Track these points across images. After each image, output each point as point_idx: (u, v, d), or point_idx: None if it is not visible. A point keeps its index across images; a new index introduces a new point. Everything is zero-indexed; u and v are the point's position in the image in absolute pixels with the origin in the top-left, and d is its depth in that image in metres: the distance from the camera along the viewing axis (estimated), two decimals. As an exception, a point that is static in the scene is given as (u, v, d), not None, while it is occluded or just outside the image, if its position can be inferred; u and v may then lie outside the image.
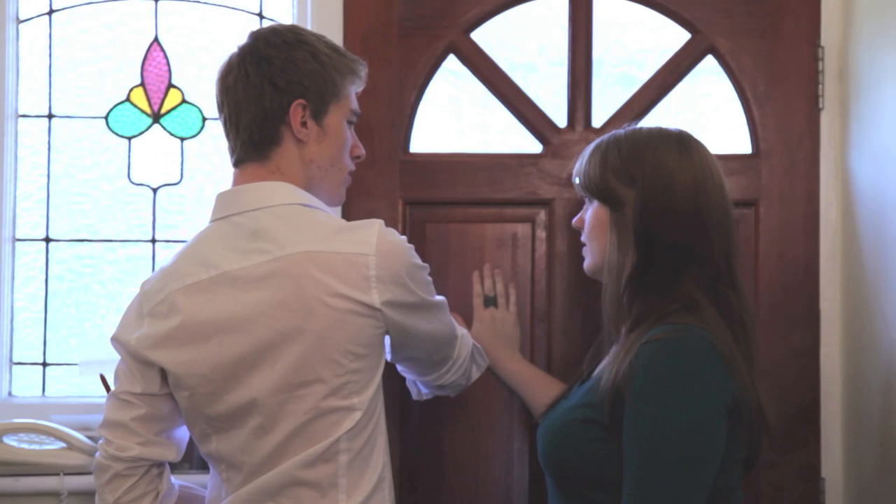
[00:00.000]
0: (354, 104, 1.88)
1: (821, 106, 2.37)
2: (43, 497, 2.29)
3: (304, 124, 1.80)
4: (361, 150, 1.92)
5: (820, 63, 2.37)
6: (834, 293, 2.36)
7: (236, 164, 1.84)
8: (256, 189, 1.79)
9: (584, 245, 1.95)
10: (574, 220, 1.98)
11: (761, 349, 2.32)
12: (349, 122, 1.88)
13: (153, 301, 1.79)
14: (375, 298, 1.71)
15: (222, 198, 1.83)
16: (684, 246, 1.79)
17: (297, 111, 1.79)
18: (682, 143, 1.85)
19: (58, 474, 2.28)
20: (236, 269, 1.74)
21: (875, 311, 2.19)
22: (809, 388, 2.36)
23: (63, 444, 2.29)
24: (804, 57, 2.38)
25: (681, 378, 1.68)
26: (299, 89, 1.79)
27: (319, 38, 1.86)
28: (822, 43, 2.38)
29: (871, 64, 2.23)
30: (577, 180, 1.93)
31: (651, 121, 2.38)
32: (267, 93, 1.78)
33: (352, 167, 1.91)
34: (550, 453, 1.82)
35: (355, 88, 1.89)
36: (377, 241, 1.73)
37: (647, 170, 1.81)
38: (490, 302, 2.28)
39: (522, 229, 2.36)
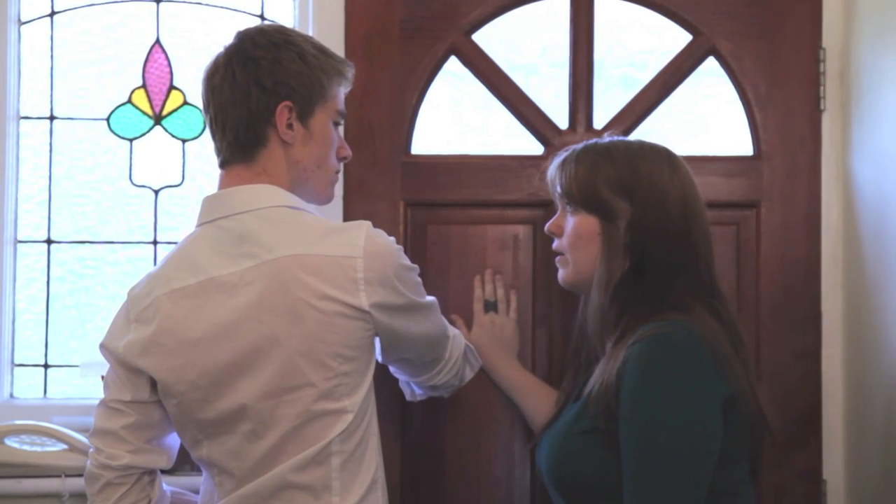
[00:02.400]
0: (341, 105, 1.87)
1: (822, 108, 2.37)
2: (45, 499, 2.29)
3: (289, 126, 1.79)
4: (347, 151, 1.91)
5: (821, 65, 2.37)
6: (835, 295, 2.36)
7: (222, 165, 1.83)
8: (242, 192, 1.78)
9: (558, 255, 1.94)
10: (548, 226, 1.96)
11: (762, 351, 2.34)
12: (335, 123, 1.87)
13: (140, 306, 1.78)
14: (364, 301, 1.70)
15: (208, 201, 1.82)
16: (674, 259, 1.81)
17: (283, 113, 1.78)
18: (670, 160, 1.87)
19: (59, 476, 2.28)
20: (224, 273, 1.73)
21: (877, 312, 2.19)
22: (811, 390, 2.36)
23: (64, 446, 2.29)
24: (805, 59, 2.38)
25: (671, 375, 1.68)
26: (286, 91, 1.78)
27: (306, 38, 1.85)
28: (824, 45, 2.38)
29: (873, 66, 2.23)
30: (557, 188, 1.91)
31: (653, 122, 2.40)
32: (253, 94, 1.77)
33: (338, 167, 1.89)
34: (556, 470, 1.81)
35: (342, 90, 1.87)
36: (365, 242, 1.72)
37: (642, 184, 1.82)
38: (490, 307, 2.28)
39: (524, 231, 2.36)
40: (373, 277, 1.71)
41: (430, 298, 1.86)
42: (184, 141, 2.48)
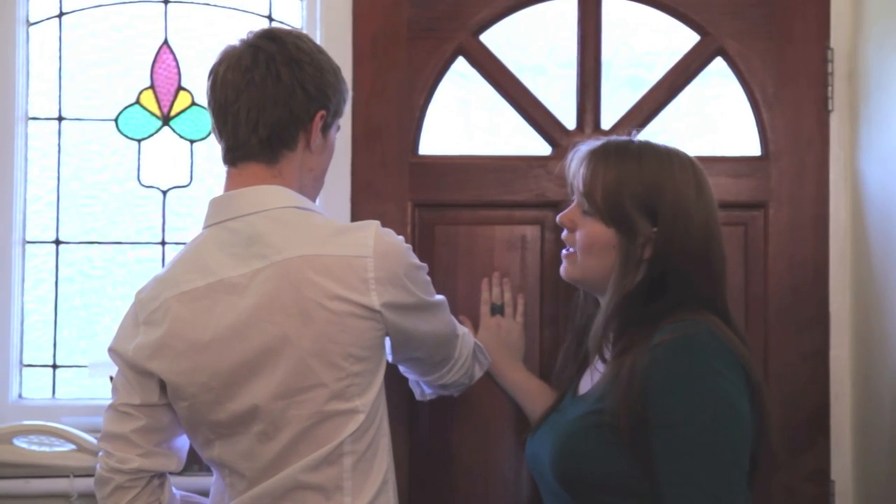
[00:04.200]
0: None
1: (830, 108, 2.37)
2: (53, 499, 2.29)
3: (317, 134, 1.81)
4: None
5: (829, 65, 2.37)
6: (843, 295, 2.36)
7: (236, 161, 1.80)
8: (250, 193, 1.77)
9: (566, 247, 1.93)
10: (561, 217, 1.93)
11: (770, 352, 2.34)
12: None
13: (148, 309, 1.78)
14: (375, 300, 1.70)
15: (215, 203, 1.81)
16: (691, 281, 1.80)
17: (318, 121, 1.79)
18: (697, 179, 1.85)
19: (68, 476, 2.28)
20: (234, 275, 1.73)
21: (885, 313, 2.19)
22: (819, 390, 2.36)
23: (73, 446, 2.30)
24: (813, 59, 2.38)
25: (701, 372, 1.68)
26: (324, 100, 1.79)
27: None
28: (832, 45, 2.37)
29: (881, 66, 2.22)
30: (579, 185, 1.88)
31: (661, 123, 2.39)
32: (298, 96, 1.77)
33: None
34: (564, 464, 1.80)
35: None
36: (374, 242, 1.72)
37: (668, 207, 1.80)
38: (497, 310, 2.27)
39: (531, 231, 2.36)
40: (383, 277, 1.71)
41: (440, 297, 1.87)
42: (192, 141, 2.49)
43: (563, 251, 1.94)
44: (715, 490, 1.63)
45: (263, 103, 1.76)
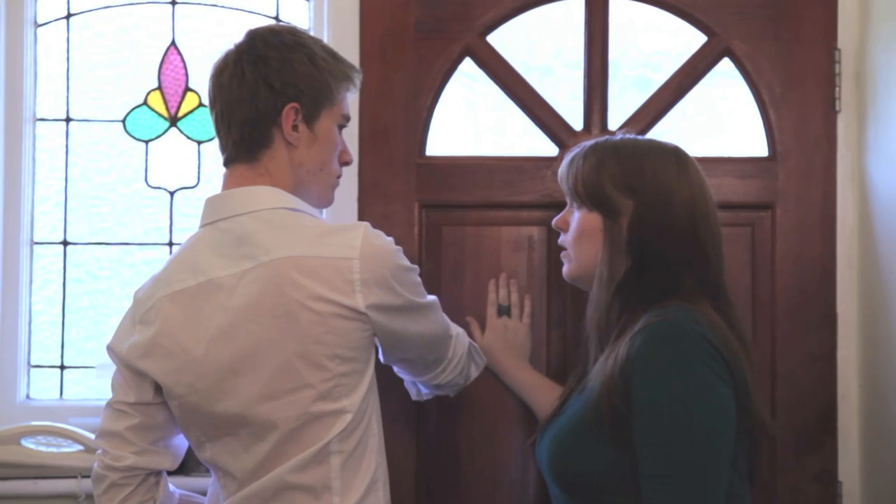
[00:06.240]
0: (346, 109, 1.87)
1: (837, 108, 2.37)
2: (61, 499, 2.30)
3: (294, 128, 1.78)
4: (349, 156, 1.91)
5: (837, 66, 2.37)
6: (851, 296, 2.36)
7: (226, 163, 1.83)
8: (242, 194, 1.78)
9: (562, 249, 1.94)
10: (555, 221, 1.96)
11: (777, 353, 2.34)
12: (339, 128, 1.87)
13: (143, 308, 1.79)
14: (360, 302, 1.70)
15: (210, 203, 1.82)
16: (681, 262, 1.79)
17: (289, 114, 1.78)
18: (679, 160, 1.85)
19: (75, 476, 2.29)
20: (223, 275, 1.73)
21: (892, 314, 2.18)
22: (826, 391, 2.35)
23: (80, 447, 2.30)
24: (821, 59, 2.37)
25: (677, 357, 1.66)
26: (294, 92, 1.78)
27: (317, 41, 1.85)
28: (839, 45, 2.37)
29: (889, 66, 2.22)
30: (565, 184, 1.91)
31: (668, 124, 2.39)
32: (262, 93, 1.77)
33: (339, 172, 1.89)
34: (561, 464, 1.79)
35: (349, 94, 1.88)
36: (361, 244, 1.72)
37: (646, 182, 1.81)
38: (504, 311, 2.27)
39: (539, 232, 2.36)
40: (369, 279, 1.71)
41: (431, 298, 1.86)
42: (199, 142, 2.49)
43: (561, 253, 1.95)
44: (693, 477, 1.61)
45: (232, 105, 1.78)
